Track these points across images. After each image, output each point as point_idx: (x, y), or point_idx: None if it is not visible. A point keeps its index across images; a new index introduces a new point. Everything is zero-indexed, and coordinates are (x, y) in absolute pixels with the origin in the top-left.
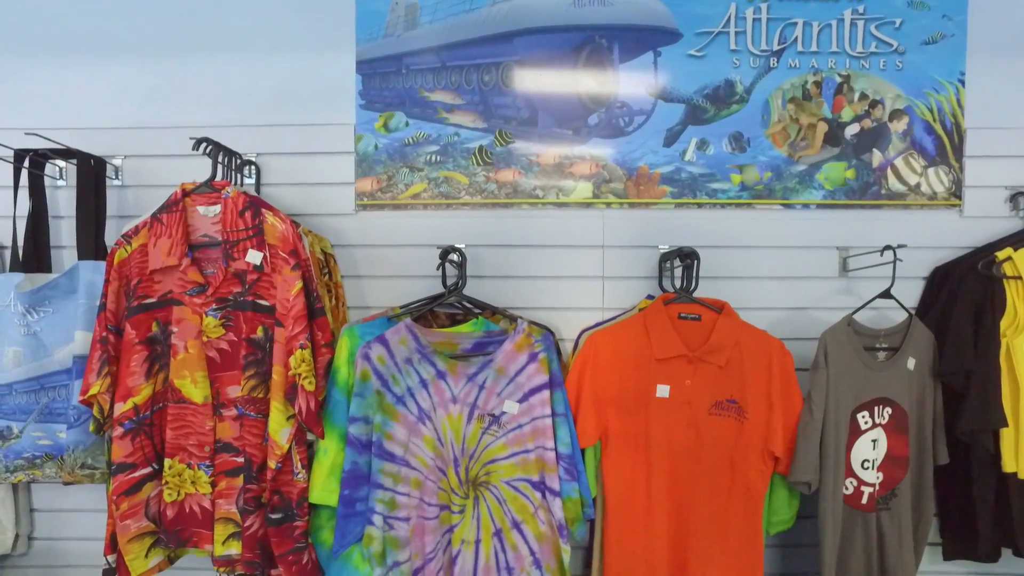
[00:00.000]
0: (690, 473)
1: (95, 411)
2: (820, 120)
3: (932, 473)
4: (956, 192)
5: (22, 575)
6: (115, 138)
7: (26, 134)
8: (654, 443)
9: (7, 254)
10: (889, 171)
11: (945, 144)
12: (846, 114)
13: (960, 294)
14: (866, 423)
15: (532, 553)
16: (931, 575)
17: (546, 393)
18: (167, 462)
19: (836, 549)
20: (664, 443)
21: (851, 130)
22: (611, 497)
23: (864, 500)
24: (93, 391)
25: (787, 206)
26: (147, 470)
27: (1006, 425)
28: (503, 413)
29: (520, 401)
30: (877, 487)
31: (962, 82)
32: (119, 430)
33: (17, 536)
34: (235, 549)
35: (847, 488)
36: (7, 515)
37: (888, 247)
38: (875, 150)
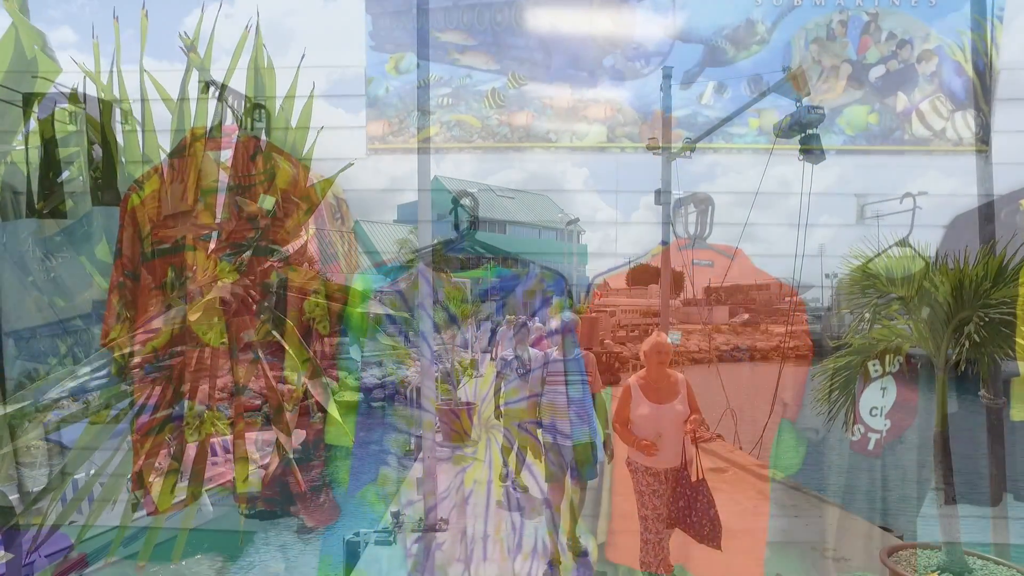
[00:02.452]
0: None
1: (116, 355)
2: (844, 62)
3: (938, 421)
4: (984, 138)
5: (58, 507)
6: (124, 82)
7: (33, 77)
8: (664, 388)
9: (22, 200)
10: (914, 116)
11: (976, 87)
12: (871, 55)
13: (981, 242)
14: (876, 371)
15: (542, 493)
16: (933, 519)
17: (558, 338)
18: (187, 404)
19: (841, 493)
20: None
21: (876, 72)
22: (621, 440)
23: (871, 446)
24: (113, 335)
25: (806, 151)
26: (168, 411)
27: (1018, 374)
28: (515, 357)
29: (532, 346)
30: (884, 434)
31: (1000, 19)
32: (139, 373)
33: (51, 471)
34: (255, 487)
35: (854, 434)
36: (41, 451)
37: (908, 194)
38: (900, 93)
